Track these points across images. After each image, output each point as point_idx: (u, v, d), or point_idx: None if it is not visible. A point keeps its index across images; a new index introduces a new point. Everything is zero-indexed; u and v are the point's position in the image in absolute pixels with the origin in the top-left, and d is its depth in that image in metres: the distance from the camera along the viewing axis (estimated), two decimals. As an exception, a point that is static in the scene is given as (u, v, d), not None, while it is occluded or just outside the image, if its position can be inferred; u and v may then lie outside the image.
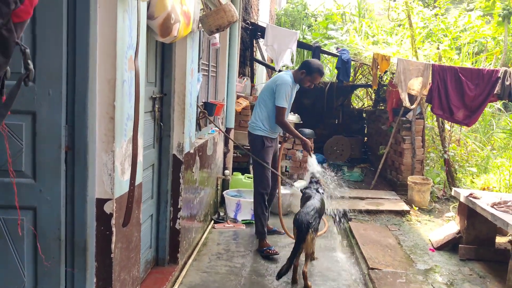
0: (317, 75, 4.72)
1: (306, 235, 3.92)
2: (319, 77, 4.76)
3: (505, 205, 4.46)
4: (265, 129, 4.76)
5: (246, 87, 7.49)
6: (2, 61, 1.03)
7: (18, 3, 0.99)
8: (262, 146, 4.77)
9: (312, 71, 4.68)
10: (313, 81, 4.76)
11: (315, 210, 4.10)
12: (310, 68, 4.69)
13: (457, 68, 6.51)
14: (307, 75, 4.69)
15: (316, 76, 4.72)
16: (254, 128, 4.81)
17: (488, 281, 4.39)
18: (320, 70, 4.73)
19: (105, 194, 2.35)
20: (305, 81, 4.74)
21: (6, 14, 0.98)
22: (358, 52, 8.01)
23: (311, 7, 17.51)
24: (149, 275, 3.72)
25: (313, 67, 4.70)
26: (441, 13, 12.85)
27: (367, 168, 8.97)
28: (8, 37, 1.00)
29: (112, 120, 2.31)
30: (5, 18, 0.98)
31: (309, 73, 4.68)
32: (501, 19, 10.05)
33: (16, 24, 1.02)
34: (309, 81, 4.74)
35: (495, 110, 11.04)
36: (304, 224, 3.94)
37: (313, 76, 4.70)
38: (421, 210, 6.66)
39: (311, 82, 4.76)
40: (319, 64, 4.79)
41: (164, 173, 3.82)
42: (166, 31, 2.97)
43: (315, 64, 4.76)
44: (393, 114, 7.63)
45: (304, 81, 4.75)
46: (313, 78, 4.71)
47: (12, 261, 2.31)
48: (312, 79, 4.72)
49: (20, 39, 1.05)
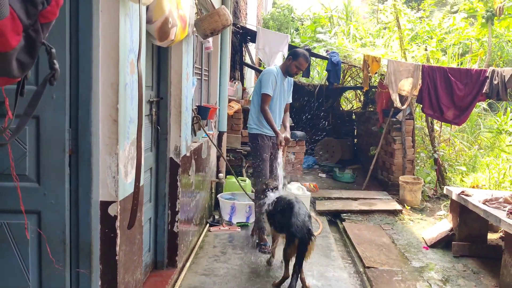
0: (303, 60, 4.76)
1: (309, 244, 3.79)
2: (305, 62, 4.80)
3: (496, 201, 4.55)
4: (258, 126, 4.84)
5: (237, 90, 7.53)
6: (28, 61, 1.05)
7: (45, 4, 1.01)
8: (258, 144, 4.85)
9: (298, 55, 4.75)
10: (300, 66, 4.80)
11: (308, 215, 3.98)
12: (296, 53, 4.78)
13: (446, 68, 6.63)
14: (293, 60, 4.77)
15: (301, 62, 4.76)
16: (249, 127, 4.94)
17: (482, 276, 4.47)
18: (305, 56, 4.79)
19: (109, 197, 2.37)
20: (292, 67, 4.79)
21: (33, 14, 1.00)
22: (348, 55, 8.10)
23: (298, 11, 17.66)
24: (148, 278, 3.72)
25: (298, 52, 4.81)
26: (426, 15, 13.06)
27: (358, 169, 9.05)
28: (35, 38, 1.02)
29: (115, 123, 2.33)
30: (33, 19, 1.01)
31: (295, 58, 4.76)
32: (485, 20, 10.27)
33: (43, 24, 1.04)
34: (295, 66, 4.78)
35: (481, 110, 11.24)
36: (306, 233, 3.79)
37: (299, 61, 4.75)
38: (413, 209, 6.75)
39: (297, 68, 4.80)
40: (304, 51, 4.87)
41: (162, 177, 3.83)
42: (164, 35, 3.00)
43: (300, 50, 4.88)
44: (383, 115, 7.72)
45: (291, 67, 4.80)
46: (298, 63, 4.76)
47: (16, 265, 2.31)
48: (298, 64, 4.76)
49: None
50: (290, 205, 4.04)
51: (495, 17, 9.61)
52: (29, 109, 1.12)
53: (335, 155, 9.68)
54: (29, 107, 1.12)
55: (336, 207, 6.56)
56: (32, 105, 1.12)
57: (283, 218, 4.02)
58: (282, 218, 4.04)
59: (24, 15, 0.99)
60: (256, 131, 4.86)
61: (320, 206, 6.57)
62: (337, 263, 4.61)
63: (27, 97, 1.31)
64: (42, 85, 1.12)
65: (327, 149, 9.68)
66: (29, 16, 1.00)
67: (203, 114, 4.91)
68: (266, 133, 4.87)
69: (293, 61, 4.78)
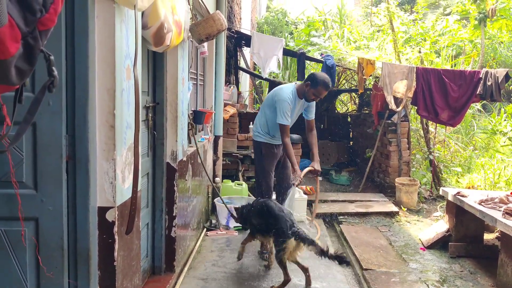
0: (322, 89, 4.50)
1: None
2: (324, 91, 4.53)
3: (492, 201, 4.58)
4: (264, 135, 4.82)
5: (233, 94, 7.55)
6: (27, 68, 1.05)
7: (43, 12, 1.02)
8: (261, 153, 4.82)
9: (317, 83, 4.48)
10: (318, 94, 4.54)
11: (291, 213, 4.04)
12: (315, 80, 4.50)
13: (440, 70, 6.68)
14: (311, 87, 4.52)
15: (321, 90, 4.50)
16: (255, 135, 4.90)
17: (479, 276, 4.49)
18: (326, 83, 4.49)
19: (107, 202, 2.37)
20: (309, 94, 4.56)
21: (32, 22, 1.01)
22: (342, 58, 8.13)
23: (291, 15, 17.72)
24: (146, 284, 3.72)
25: (318, 79, 4.49)
26: (419, 18, 13.15)
27: (355, 171, 9.07)
28: (34, 45, 1.03)
29: (112, 128, 2.33)
30: (31, 26, 1.01)
31: (314, 86, 4.50)
32: (477, 22, 10.33)
33: (41, 32, 1.05)
34: (314, 94, 4.54)
35: (476, 111, 11.30)
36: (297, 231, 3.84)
37: (318, 89, 4.50)
38: (410, 211, 6.78)
39: (315, 95, 4.56)
40: (325, 77, 4.56)
41: (159, 182, 3.83)
42: (159, 41, 3.00)
43: (320, 76, 4.55)
44: (378, 117, 7.75)
45: (309, 94, 4.57)
46: (317, 91, 4.51)
47: (14, 272, 2.30)
48: (317, 92, 4.52)
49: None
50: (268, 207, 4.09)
51: (488, 19, 9.66)
52: (29, 116, 1.13)
53: (331, 158, 9.71)
54: (28, 114, 1.12)
55: (333, 209, 6.57)
56: (31, 112, 1.12)
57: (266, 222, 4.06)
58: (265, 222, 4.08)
59: (23, 22, 0.99)
60: (260, 139, 4.83)
61: (317, 209, 6.57)
62: (335, 265, 4.61)
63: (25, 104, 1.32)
64: (41, 92, 1.13)
65: (323, 152, 9.70)
66: (28, 24, 1.00)
67: (199, 119, 4.92)
68: (272, 142, 4.82)
69: (311, 88, 4.52)
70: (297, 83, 4.80)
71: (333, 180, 8.29)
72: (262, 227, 4.12)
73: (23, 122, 1.14)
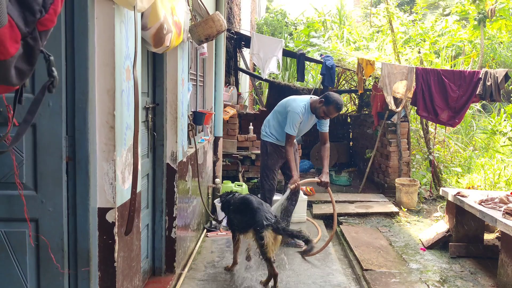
0: (333, 109, 4.63)
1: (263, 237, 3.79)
2: (335, 112, 4.67)
3: (492, 201, 4.58)
4: (272, 136, 4.97)
5: (232, 95, 7.55)
6: (27, 69, 1.05)
7: (43, 12, 1.02)
8: (267, 151, 4.97)
9: (330, 103, 4.62)
10: (328, 113, 4.68)
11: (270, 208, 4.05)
12: (329, 100, 4.63)
13: (439, 70, 6.68)
14: (324, 105, 4.66)
15: (331, 109, 4.64)
16: (263, 134, 5.06)
17: (479, 276, 4.49)
18: (338, 105, 4.62)
19: (107, 203, 2.37)
20: (320, 111, 4.70)
21: (31, 22, 1.01)
22: (342, 58, 8.14)
23: (291, 16, 17.75)
24: (146, 285, 3.72)
25: (331, 99, 4.63)
26: (418, 18, 13.16)
27: (355, 172, 9.07)
28: (33, 45, 1.03)
29: (112, 129, 2.33)
30: (31, 27, 1.01)
31: (326, 104, 4.64)
32: (477, 23, 10.33)
33: (41, 32, 1.05)
34: (324, 112, 4.68)
35: (475, 111, 11.31)
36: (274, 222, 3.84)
37: (329, 108, 4.63)
38: (410, 211, 6.78)
39: (325, 114, 4.70)
40: (339, 99, 4.67)
41: (159, 183, 3.83)
42: (159, 41, 3.01)
43: (335, 97, 4.66)
44: (378, 118, 7.76)
45: (319, 111, 4.71)
46: (328, 110, 4.65)
47: (15, 273, 2.30)
48: (328, 110, 4.66)
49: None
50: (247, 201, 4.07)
51: (487, 19, 9.66)
52: (29, 116, 1.13)
53: (331, 159, 9.70)
54: (28, 114, 1.12)
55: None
56: (31, 112, 1.12)
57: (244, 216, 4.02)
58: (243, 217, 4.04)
59: (23, 23, 0.99)
60: (267, 139, 4.99)
61: (317, 209, 6.58)
62: (335, 266, 4.62)
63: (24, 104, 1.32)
64: (41, 92, 1.13)
65: (323, 153, 9.68)
66: (27, 24, 1.00)
67: (198, 120, 4.92)
68: (279, 143, 4.96)
69: (323, 106, 4.66)
70: (312, 97, 4.90)
71: (333, 180, 8.29)
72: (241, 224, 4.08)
73: (23, 122, 1.14)
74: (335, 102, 4.62)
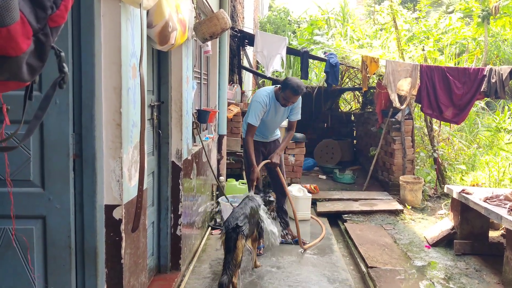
0: (289, 93, 4.44)
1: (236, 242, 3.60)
2: (292, 96, 4.46)
3: (497, 199, 4.57)
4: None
5: (236, 93, 7.55)
6: (38, 65, 1.06)
7: (54, 8, 1.03)
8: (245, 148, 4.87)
9: (286, 87, 4.45)
10: (286, 98, 4.50)
11: (245, 215, 3.83)
12: (285, 84, 4.46)
13: (444, 67, 6.66)
14: (281, 91, 4.52)
15: (288, 94, 4.45)
16: (242, 132, 5.02)
17: (484, 274, 4.48)
18: (294, 89, 4.41)
19: (114, 200, 2.38)
20: (280, 97, 4.55)
21: (43, 19, 1.02)
22: (346, 56, 8.13)
23: (294, 14, 17.73)
24: (152, 282, 3.73)
25: (288, 83, 4.44)
26: (422, 16, 13.11)
27: (359, 170, 9.07)
28: (44, 42, 1.04)
29: (118, 127, 2.34)
30: (42, 23, 1.02)
31: (283, 89, 4.49)
32: (481, 20, 10.30)
33: (52, 28, 1.06)
34: (283, 98, 4.52)
35: (479, 109, 11.27)
36: (232, 228, 3.64)
37: (286, 93, 4.46)
38: (414, 209, 6.77)
39: (285, 99, 4.52)
40: (296, 82, 4.46)
41: (164, 180, 3.84)
42: (164, 39, 3.01)
43: (291, 81, 4.47)
44: (382, 115, 7.74)
45: (280, 98, 4.56)
46: (285, 95, 4.47)
47: (22, 271, 2.32)
48: (285, 95, 4.48)
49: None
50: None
51: (491, 16, 9.64)
52: (39, 112, 1.14)
53: (335, 157, 9.70)
54: (39, 110, 1.13)
55: (337, 208, 6.58)
56: (42, 108, 1.13)
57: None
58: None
59: (34, 19, 1.00)
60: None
61: (321, 207, 6.58)
62: (340, 263, 4.62)
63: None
64: (51, 88, 1.14)
65: (327, 151, 9.70)
66: (39, 20, 1.01)
67: (203, 118, 4.92)
68: (259, 139, 4.90)
69: (281, 92, 4.50)
70: (277, 87, 4.73)
71: (337, 178, 8.29)
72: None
73: (34, 118, 1.15)
74: (291, 86, 4.40)
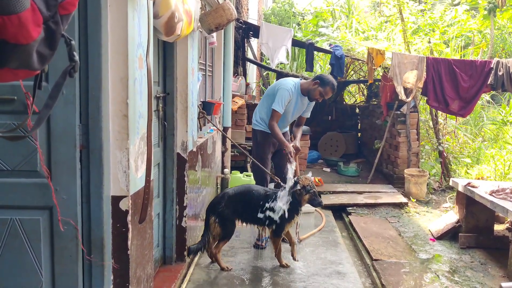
0: (329, 90, 4.62)
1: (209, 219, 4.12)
2: (331, 92, 4.67)
3: (503, 192, 4.55)
4: (261, 124, 4.84)
5: (241, 85, 7.53)
6: (48, 53, 1.05)
7: (65, -4, 1.02)
8: (257, 140, 4.89)
9: (326, 84, 4.59)
10: (325, 94, 4.65)
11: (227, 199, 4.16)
12: (324, 81, 4.60)
13: (450, 60, 6.62)
14: (320, 86, 4.60)
15: (328, 90, 4.62)
16: (253, 123, 4.95)
17: (489, 267, 4.47)
18: (334, 86, 4.63)
19: (121, 192, 2.37)
20: (316, 92, 4.62)
21: (53, 6, 1.01)
22: (351, 48, 8.08)
23: (298, 5, 17.60)
24: (157, 273, 3.74)
25: (327, 80, 4.62)
26: (428, 8, 13.01)
27: (363, 163, 9.05)
28: (55, 29, 1.03)
29: (125, 117, 2.33)
30: (53, 11, 1.01)
31: (323, 85, 4.60)
32: (487, 12, 10.21)
33: (62, 16, 1.05)
34: (320, 93, 4.63)
35: (485, 102, 11.21)
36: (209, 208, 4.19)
37: (326, 89, 4.60)
38: (419, 202, 6.76)
39: (321, 95, 4.64)
40: (334, 80, 4.69)
41: (169, 172, 3.84)
42: (170, 30, 2.99)
43: (330, 78, 4.66)
44: (387, 108, 7.71)
45: (315, 93, 4.63)
46: (325, 91, 4.61)
47: (29, 261, 2.32)
48: (324, 91, 4.62)
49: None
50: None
51: (497, 9, 9.54)
52: (50, 100, 1.13)
53: (339, 149, 9.68)
54: (49, 98, 1.12)
55: (342, 201, 6.57)
56: (52, 96, 1.12)
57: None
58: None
59: (44, 6, 0.99)
60: (257, 128, 4.88)
61: (325, 200, 6.57)
62: (344, 255, 4.62)
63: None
64: (62, 77, 1.13)
65: (331, 144, 9.68)
66: (49, 8, 1.00)
67: (208, 110, 4.92)
68: (268, 131, 4.83)
69: (319, 87, 4.61)
70: (302, 80, 4.85)
71: (342, 171, 8.28)
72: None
73: (44, 107, 1.14)
74: (331, 83, 4.60)
